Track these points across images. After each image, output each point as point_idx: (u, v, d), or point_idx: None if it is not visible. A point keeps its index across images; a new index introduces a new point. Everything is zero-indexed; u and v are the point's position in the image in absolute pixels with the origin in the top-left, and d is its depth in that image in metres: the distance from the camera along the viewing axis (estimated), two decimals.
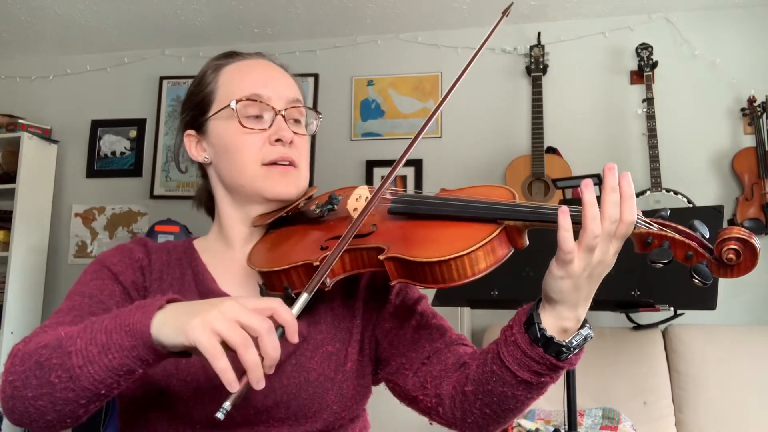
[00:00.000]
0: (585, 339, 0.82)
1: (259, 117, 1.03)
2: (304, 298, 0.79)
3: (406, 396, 0.99)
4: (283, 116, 1.03)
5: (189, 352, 0.74)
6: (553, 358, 0.81)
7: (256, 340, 0.70)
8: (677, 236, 0.76)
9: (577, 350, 0.82)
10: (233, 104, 1.01)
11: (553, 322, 0.81)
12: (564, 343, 0.81)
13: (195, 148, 1.09)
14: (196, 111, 1.08)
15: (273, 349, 0.71)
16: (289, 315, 0.74)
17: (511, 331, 0.84)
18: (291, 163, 1.03)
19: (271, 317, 0.73)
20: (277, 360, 0.71)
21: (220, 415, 0.69)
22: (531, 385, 0.84)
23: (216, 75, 1.07)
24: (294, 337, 0.73)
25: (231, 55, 1.10)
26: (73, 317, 0.90)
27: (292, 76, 1.11)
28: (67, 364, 0.76)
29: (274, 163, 1.02)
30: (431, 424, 0.99)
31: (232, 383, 0.69)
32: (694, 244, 0.76)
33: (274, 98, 1.03)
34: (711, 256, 0.75)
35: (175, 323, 0.73)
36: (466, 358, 0.94)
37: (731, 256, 0.73)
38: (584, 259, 0.77)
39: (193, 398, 0.92)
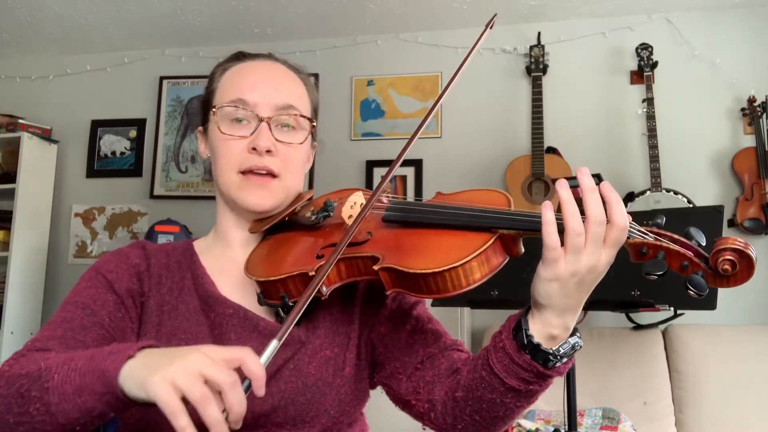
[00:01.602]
0: (573, 348, 0.81)
1: (245, 122, 1.02)
2: (273, 345, 0.74)
3: (400, 400, 0.99)
4: (269, 123, 1.01)
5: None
6: (540, 365, 0.80)
7: (221, 394, 0.68)
8: (672, 246, 0.75)
9: (566, 359, 0.81)
10: (214, 110, 1.02)
11: (540, 328, 0.80)
12: (551, 351, 0.80)
13: (203, 146, 1.11)
14: (203, 110, 1.10)
15: (237, 404, 0.67)
16: (256, 366, 0.70)
17: (500, 337, 0.83)
18: (269, 173, 1.01)
19: (239, 368, 0.70)
20: (242, 415, 0.68)
21: None
22: (519, 392, 0.83)
23: (220, 76, 1.08)
24: (260, 391, 0.70)
25: (238, 57, 1.10)
26: (63, 330, 0.90)
27: (303, 80, 1.09)
28: (45, 399, 0.76)
29: (251, 172, 1.00)
30: (424, 429, 0.99)
31: None
32: (689, 254, 0.75)
33: (261, 104, 1.01)
34: (706, 266, 0.74)
35: (137, 376, 0.70)
36: (459, 364, 0.94)
37: (727, 267, 0.72)
38: (572, 263, 0.75)
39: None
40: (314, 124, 1.09)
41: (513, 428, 2.28)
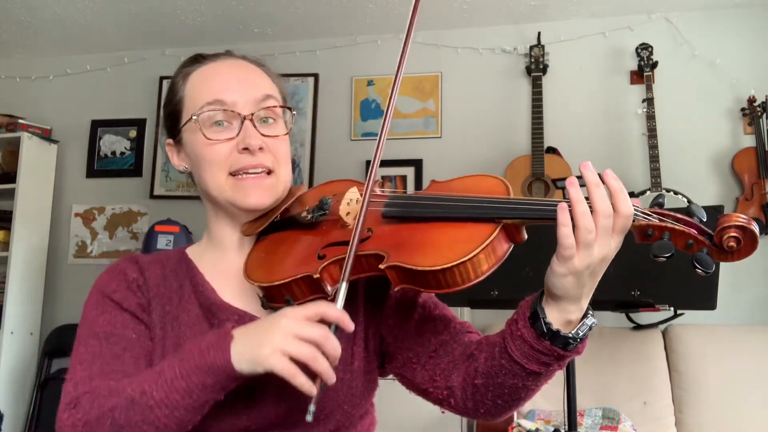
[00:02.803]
0: (590, 328, 0.84)
1: (226, 124, 0.99)
2: (343, 287, 0.83)
3: (416, 388, 0.99)
4: (252, 120, 0.99)
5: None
6: (560, 349, 0.82)
7: (319, 346, 0.78)
8: (677, 226, 0.76)
9: (583, 339, 0.84)
10: (194, 117, 0.99)
11: (558, 316, 0.82)
12: (570, 335, 0.82)
13: (177, 158, 1.08)
14: (170, 121, 1.07)
15: (334, 349, 0.79)
16: (336, 312, 0.80)
17: (517, 326, 0.85)
18: (265, 170, 0.99)
19: (321, 319, 0.80)
20: (339, 356, 0.79)
21: (309, 418, 0.77)
22: (540, 374, 0.85)
23: (184, 83, 1.05)
24: (350, 327, 0.81)
25: (197, 60, 1.07)
26: (99, 366, 0.90)
27: (267, 72, 1.07)
28: (151, 417, 0.81)
29: (244, 172, 0.98)
30: (443, 412, 1.00)
31: (311, 390, 0.77)
32: (694, 232, 0.76)
33: (240, 102, 0.99)
34: (711, 243, 0.76)
35: (249, 356, 0.80)
36: (473, 348, 0.94)
37: (732, 244, 0.74)
38: (585, 257, 0.77)
39: (210, 412, 0.91)
40: (293, 112, 1.07)
41: (513, 428, 2.28)
